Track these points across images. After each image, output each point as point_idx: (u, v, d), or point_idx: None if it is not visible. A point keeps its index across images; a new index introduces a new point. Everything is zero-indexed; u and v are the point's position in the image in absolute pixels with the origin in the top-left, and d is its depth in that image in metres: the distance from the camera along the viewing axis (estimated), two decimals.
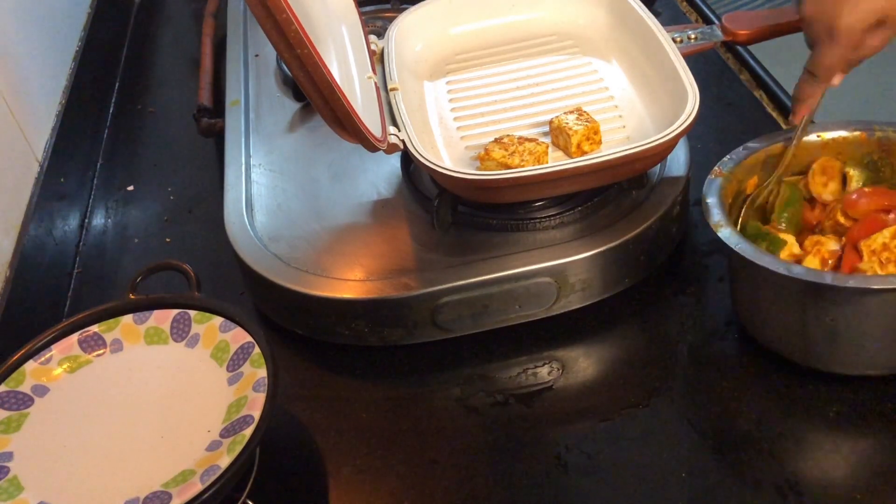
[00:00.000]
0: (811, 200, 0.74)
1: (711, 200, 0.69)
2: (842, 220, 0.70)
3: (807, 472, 0.63)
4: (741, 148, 0.73)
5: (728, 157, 0.73)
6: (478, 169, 0.76)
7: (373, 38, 0.86)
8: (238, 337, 0.64)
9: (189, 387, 0.63)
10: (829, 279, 0.62)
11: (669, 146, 0.73)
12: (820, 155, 0.74)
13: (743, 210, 0.73)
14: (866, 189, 0.71)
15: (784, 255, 0.68)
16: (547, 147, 0.76)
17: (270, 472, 0.66)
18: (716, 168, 0.72)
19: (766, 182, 0.74)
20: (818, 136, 0.74)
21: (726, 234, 0.66)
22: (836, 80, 0.71)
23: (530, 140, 0.76)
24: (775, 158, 0.74)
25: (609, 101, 0.82)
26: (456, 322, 0.73)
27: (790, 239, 0.69)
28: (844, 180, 0.74)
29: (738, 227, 0.71)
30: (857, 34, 0.67)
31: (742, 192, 0.73)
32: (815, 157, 0.74)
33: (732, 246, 0.65)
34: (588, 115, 0.78)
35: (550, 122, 0.79)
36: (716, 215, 0.68)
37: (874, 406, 0.66)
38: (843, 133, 0.74)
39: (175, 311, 0.67)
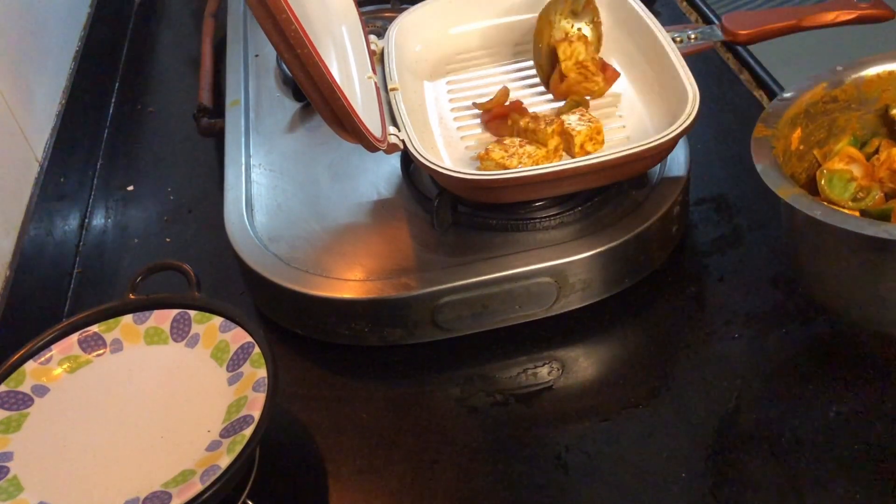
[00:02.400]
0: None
1: (766, 164, 0.62)
2: None
3: (807, 472, 0.63)
4: (776, 100, 0.68)
5: (768, 109, 0.67)
6: (478, 169, 0.76)
7: (373, 38, 0.86)
8: (238, 337, 0.64)
9: (189, 387, 0.63)
10: None
11: (669, 146, 0.73)
12: (884, 89, 0.69)
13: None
14: None
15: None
16: (546, 153, 0.75)
17: (270, 472, 0.66)
18: (758, 125, 0.66)
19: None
20: (879, 70, 0.69)
21: (796, 199, 0.59)
22: None
23: (531, 143, 0.76)
24: (817, 105, 0.69)
25: (609, 100, 0.82)
26: (456, 322, 0.73)
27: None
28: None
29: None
30: None
31: (788, 149, 0.68)
32: (875, 93, 0.70)
33: (807, 211, 0.58)
34: (591, 114, 0.78)
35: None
36: (777, 180, 0.61)
37: (874, 406, 0.66)
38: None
39: (175, 311, 0.67)
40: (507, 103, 0.82)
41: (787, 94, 0.69)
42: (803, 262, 0.69)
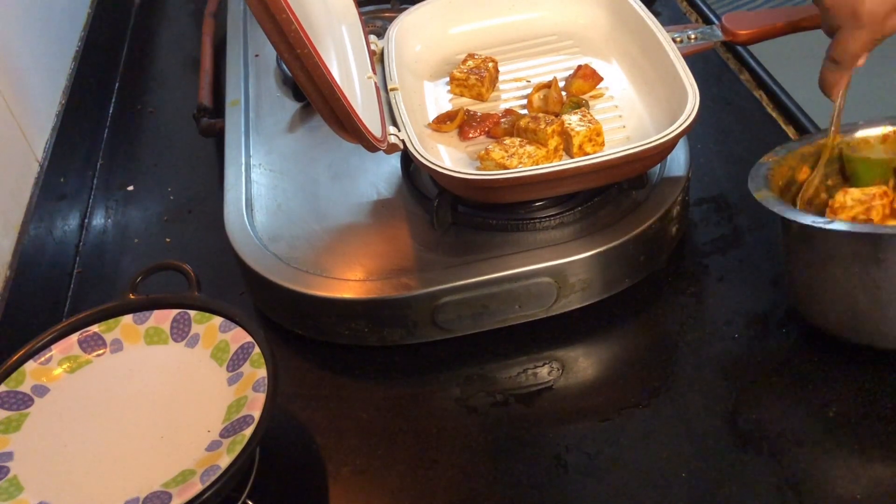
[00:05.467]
0: None
1: (755, 174, 0.69)
2: None
3: (807, 472, 0.63)
4: (797, 140, 0.74)
5: (782, 146, 0.73)
6: (478, 169, 0.76)
7: (373, 38, 0.86)
8: (238, 337, 0.64)
9: (189, 387, 0.63)
10: (868, 228, 0.61)
11: (669, 146, 0.73)
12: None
13: (798, 200, 0.72)
14: None
15: None
16: (547, 153, 0.75)
17: (270, 472, 0.66)
18: (768, 154, 0.72)
19: (810, 177, 0.72)
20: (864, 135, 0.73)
21: (764, 196, 0.65)
22: (861, 61, 0.70)
23: (531, 143, 0.76)
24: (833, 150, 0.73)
25: (609, 101, 0.83)
26: (456, 322, 0.73)
27: None
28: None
29: None
30: (880, 17, 0.67)
31: (794, 181, 0.72)
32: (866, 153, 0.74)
33: (767, 205, 0.64)
34: (591, 115, 0.78)
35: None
36: (757, 183, 0.67)
37: (873, 407, 0.66)
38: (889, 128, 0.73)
39: (175, 311, 0.67)
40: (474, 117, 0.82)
41: (807, 136, 0.73)
42: (802, 287, 0.70)
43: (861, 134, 0.73)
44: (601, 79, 0.83)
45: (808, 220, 0.63)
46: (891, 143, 0.73)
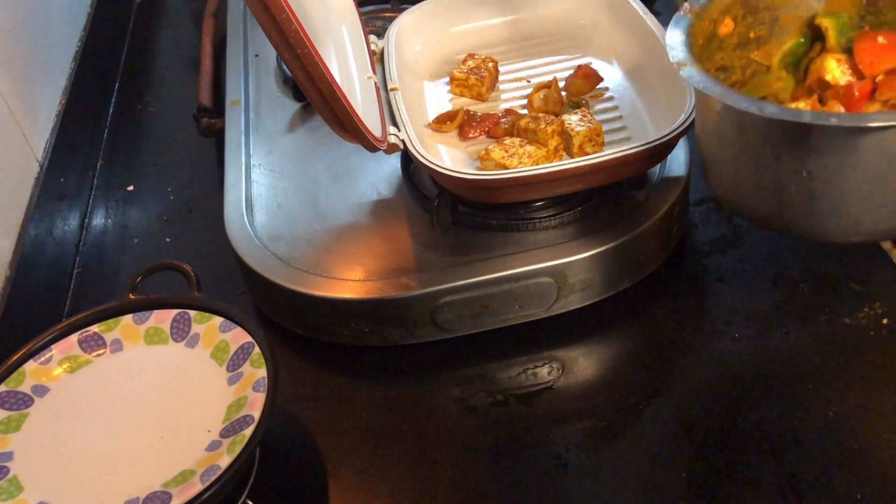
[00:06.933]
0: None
1: (675, 39, 0.62)
2: (839, 76, 0.62)
3: (807, 472, 0.63)
4: None
5: None
6: (478, 169, 0.76)
7: (373, 38, 0.86)
8: (238, 337, 0.64)
9: (189, 387, 0.63)
10: (807, 118, 0.54)
11: (669, 146, 0.73)
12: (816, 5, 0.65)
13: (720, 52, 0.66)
14: (882, 38, 0.62)
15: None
16: (547, 153, 0.76)
17: (270, 472, 0.66)
18: (686, 4, 0.65)
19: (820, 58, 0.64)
20: None
21: (689, 72, 0.59)
22: None
23: (531, 143, 0.76)
24: None
25: (609, 101, 0.83)
26: (456, 322, 0.73)
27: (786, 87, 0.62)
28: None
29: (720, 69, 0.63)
30: None
31: (716, 35, 0.67)
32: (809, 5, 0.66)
33: (695, 85, 0.58)
34: (591, 115, 0.78)
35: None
36: (679, 53, 0.61)
37: (873, 407, 0.66)
38: None
39: (175, 311, 0.67)
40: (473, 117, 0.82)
41: None
42: (708, 158, 0.65)
43: None
44: (601, 79, 0.84)
45: (744, 104, 0.56)
46: None
